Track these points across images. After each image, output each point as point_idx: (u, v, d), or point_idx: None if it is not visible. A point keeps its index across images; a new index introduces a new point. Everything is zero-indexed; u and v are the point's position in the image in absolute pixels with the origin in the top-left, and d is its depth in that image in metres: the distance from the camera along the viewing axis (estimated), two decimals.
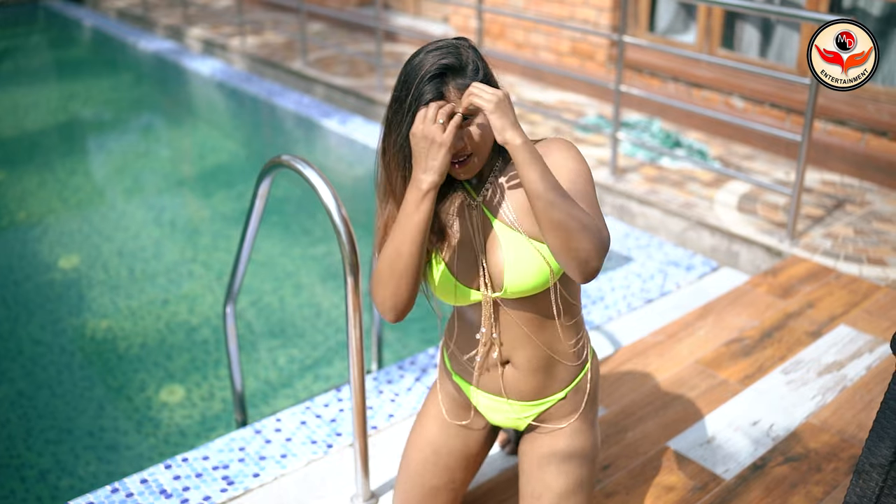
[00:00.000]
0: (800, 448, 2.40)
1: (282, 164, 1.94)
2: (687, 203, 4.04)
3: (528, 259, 1.57)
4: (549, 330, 1.70)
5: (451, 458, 1.90)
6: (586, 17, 5.80)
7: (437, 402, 1.91)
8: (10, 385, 3.61)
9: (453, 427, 1.88)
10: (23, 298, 4.31)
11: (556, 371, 1.75)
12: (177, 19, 9.09)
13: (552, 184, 1.43)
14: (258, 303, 4.25)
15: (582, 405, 1.80)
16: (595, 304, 3.33)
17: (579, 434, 1.80)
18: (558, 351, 1.73)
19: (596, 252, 1.44)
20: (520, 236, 1.58)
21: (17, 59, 9.79)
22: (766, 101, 4.90)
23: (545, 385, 1.76)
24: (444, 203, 1.62)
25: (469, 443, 1.90)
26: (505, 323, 1.68)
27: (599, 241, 1.45)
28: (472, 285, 1.65)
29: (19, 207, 5.45)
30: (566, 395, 1.78)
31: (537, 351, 1.71)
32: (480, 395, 1.82)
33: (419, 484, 1.91)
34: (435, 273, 1.65)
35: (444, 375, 1.91)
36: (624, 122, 5.13)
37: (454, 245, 1.63)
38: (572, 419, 1.80)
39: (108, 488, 2.26)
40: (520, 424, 1.83)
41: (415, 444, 1.93)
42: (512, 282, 1.59)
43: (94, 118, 7.62)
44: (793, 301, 3.22)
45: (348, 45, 7.40)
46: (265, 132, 6.87)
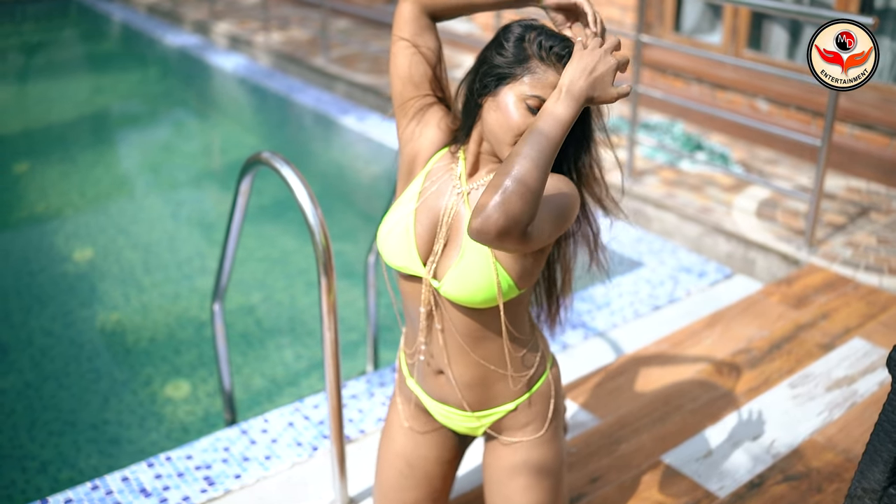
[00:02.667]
0: (801, 466, 2.31)
1: (261, 161, 1.90)
2: (704, 208, 3.94)
3: (478, 270, 1.48)
4: (490, 347, 1.61)
5: (428, 467, 1.80)
6: (610, 15, 5.71)
7: (398, 410, 1.83)
8: (18, 375, 3.62)
9: (422, 435, 1.79)
10: (37, 289, 4.33)
11: (496, 386, 1.66)
12: (204, 14, 9.14)
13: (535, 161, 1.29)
14: (269, 299, 4.24)
15: (540, 418, 1.71)
16: (600, 309, 3.25)
17: (540, 448, 1.71)
18: (500, 366, 1.64)
19: (502, 216, 1.24)
20: (486, 250, 1.49)
21: (47, 53, 9.94)
22: (792, 104, 4.77)
23: (487, 397, 1.68)
24: (441, 168, 1.57)
25: (442, 449, 1.81)
26: (444, 327, 1.60)
27: (509, 216, 1.25)
28: (419, 256, 1.56)
29: (40, 199, 5.49)
30: (517, 406, 1.69)
31: (473, 368, 1.62)
32: (429, 399, 1.74)
33: (399, 500, 1.81)
34: (397, 214, 1.58)
35: (400, 379, 1.83)
36: (645, 123, 5.03)
37: (426, 208, 1.56)
38: (531, 432, 1.71)
39: (89, 485, 2.24)
40: (476, 431, 1.75)
41: (385, 459, 1.84)
42: (451, 283, 1.51)
43: (117, 112, 7.68)
44: (806, 311, 3.12)
45: (373, 43, 7.37)
46: (283, 128, 6.86)
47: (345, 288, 4.28)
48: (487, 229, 1.25)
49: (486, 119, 1.48)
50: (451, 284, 1.51)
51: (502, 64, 1.46)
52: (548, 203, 1.41)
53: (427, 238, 1.56)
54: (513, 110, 1.43)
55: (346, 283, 4.31)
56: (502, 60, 1.46)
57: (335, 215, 5.17)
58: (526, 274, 1.51)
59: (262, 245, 4.82)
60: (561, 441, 1.77)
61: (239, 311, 4.10)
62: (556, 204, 1.43)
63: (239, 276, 4.44)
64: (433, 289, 1.56)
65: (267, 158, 1.87)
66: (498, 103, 1.45)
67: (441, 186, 1.58)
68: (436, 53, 1.62)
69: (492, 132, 1.47)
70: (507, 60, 1.45)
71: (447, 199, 1.56)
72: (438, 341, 1.62)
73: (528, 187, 1.26)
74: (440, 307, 1.58)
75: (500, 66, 1.46)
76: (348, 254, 4.58)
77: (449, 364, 1.63)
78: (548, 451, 1.72)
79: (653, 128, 4.99)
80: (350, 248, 4.62)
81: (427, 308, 1.59)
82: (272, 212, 5.07)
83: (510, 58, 1.45)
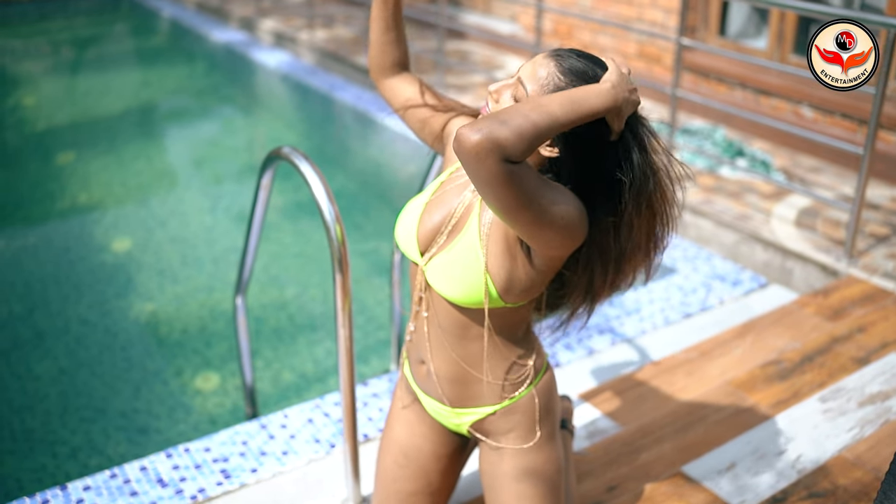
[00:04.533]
0: (827, 483, 2.24)
1: (281, 156, 1.90)
2: (742, 215, 3.87)
3: (462, 266, 1.50)
4: (470, 348, 1.61)
5: (423, 460, 1.78)
6: (654, 18, 5.63)
7: (398, 399, 1.83)
8: (53, 362, 3.69)
9: (418, 425, 1.77)
10: (75, 278, 4.41)
11: (474, 386, 1.65)
12: (251, 11, 9.24)
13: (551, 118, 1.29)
14: (302, 295, 4.26)
15: (522, 428, 1.67)
16: (629, 315, 3.20)
17: (527, 457, 1.67)
18: (477, 369, 1.63)
19: (484, 132, 1.22)
20: (478, 249, 1.50)
21: (97, 47, 10.15)
22: (837, 112, 4.65)
23: (465, 395, 1.67)
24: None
25: (437, 444, 1.78)
26: (430, 317, 1.63)
27: (491, 135, 1.23)
28: (417, 244, 1.60)
29: (82, 189, 5.60)
30: (496, 412, 1.67)
31: (451, 364, 1.63)
32: (418, 390, 1.75)
33: (394, 491, 1.81)
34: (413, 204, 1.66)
35: (402, 367, 1.84)
36: (686, 128, 4.95)
37: (439, 202, 1.61)
38: (515, 441, 1.68)
39: (107, 473, 2.27)
40: (460, 428, 1.73)
41: (384, 449, 1.84)
42: (434, 270, 1.55)
43: (162, 106, 7.80)
44: (842, 324, 3.04)
45: (415, 42, 7.38)
46: (323, 125, 6.90)
47: (379, 285, 4.29)
48: (466, 138, 1.23)
49: None
50: (434, 271, 1.55)
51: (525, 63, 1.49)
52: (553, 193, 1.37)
53: (431, 229, 1.60)
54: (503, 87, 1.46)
55: (380, 281, 4.32)
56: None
57: (372, 213, 5.18)
58: (514, 288, 1.50)
59: (298, 241, 4.85)
60: (555, 452, 1.72)
61: (272, 306, 4.13)
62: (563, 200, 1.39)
63: (274, 271, 4.48)
64: (425, 275, 1.61)
65: (286, 154, 1.87)
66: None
67: (459, 185, 1.62)
68: (421, 93, 1.75)
69: None
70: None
71: (462, 197, 1.59)
72: (423, 329, 1.65)
73: (521, 125, 1.25)
74: (430, 295, 1.62)
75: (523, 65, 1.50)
76: (383, 252, 4.59)
77: (430, 356, 1.65)
78: (537, 461, 1.68)
79: (694, 133, 4.91)
80: (385, 245, 4.63)
81: (419, 294, 1.64)
82: (309, 208, 5.10)
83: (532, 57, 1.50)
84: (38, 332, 3.89)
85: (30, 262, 4.60)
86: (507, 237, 1.49)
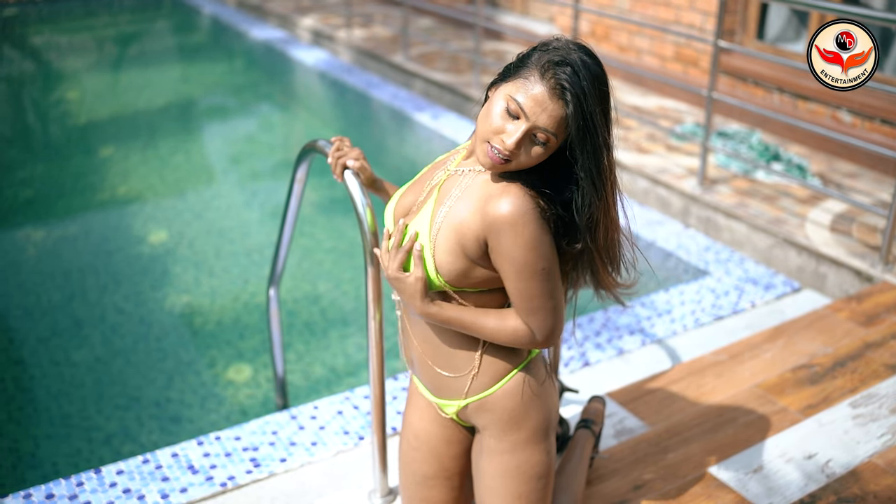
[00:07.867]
0: (856, 489, 2.22)
1: (315, 149, 1.93)
2: (776, 219, 3.83)
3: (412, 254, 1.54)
4: (440, 338, 1.62)
5: (434, 443, 1.77)
6: (692, 21, 5.60)
7: (412, 381, 1.84)
8: (90, 350, 3.76)
9: (426, 409, 1.77)
10: (113, 269, 4.49)
11: (442, 378, 1.66)
12: (290, 9, 9.33)
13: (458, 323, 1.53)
14: (336, 289, 4.29)
15: (495, 427, 1.65)
16: (661, 316, 3.19)
17: (503, 456, 1.65)
18: (434, 360, 1.65)
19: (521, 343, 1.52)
20: (427, 232, 1.53)
21: (139, 43, 10.31)
22: (877, 117, 4.59)
23: (438, 386, 1.68)
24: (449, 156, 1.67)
25: (444, 428, 1.76)
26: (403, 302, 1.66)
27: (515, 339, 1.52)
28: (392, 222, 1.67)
29: (121, 182, 5.70)
30: (468, 406, 1.66)
31: (422, 353, 1.67)
32: (414, 377, 1.78)
33: (411, 473, 1.81)
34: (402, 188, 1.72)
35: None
36: (722, 131, 4.91)
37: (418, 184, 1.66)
38: (490, 437, 1.66)
39: (140, 458, 2.31)
40: (447, 410, 1.72)
41: (402, 433, 1.86)
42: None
43: (201, 102, 7.91)
44: (875, 330, 3.00)
45: (452, 42, 7.40)
46: (360, 123, 6.96)
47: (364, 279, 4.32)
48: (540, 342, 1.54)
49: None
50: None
51: (512, 66, 1.50)
52: (518, 294, 1.50)
53: (403, 209, 1.65)
54: (494, 106, 1.46)
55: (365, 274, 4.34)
56: (514, 63, 1.51)
57: None
58: (465, 281, 1.54)
59: (331, 236, 4.90)
60: (536, 455, 1.67)
61: (305, 299, 4.18)
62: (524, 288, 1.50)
63: (307, 265, 4.52)
64: None
65: (321, 146, 1.90)
66: (491, 97, 1.51)
67: (437, 163, 1.68)
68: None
69: (477, 120, 1.53)
70: (516, 64, 1.50)
71: (435, 178, 1.63)
72: (400, 308, 1.69)
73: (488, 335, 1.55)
74: None
75: (510, 67, 1.51)
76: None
77: (410, 342, 1.69)
78: (511, 462, 1.66)
79: (730, 136, 4.87)
80: None
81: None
82: (343, 204, 5.14)
83: (519, 62, 1.50)
84: (76, 321, 3.97)
85: (69, 253, 4.70)
86: (460, 243, 1.50)
